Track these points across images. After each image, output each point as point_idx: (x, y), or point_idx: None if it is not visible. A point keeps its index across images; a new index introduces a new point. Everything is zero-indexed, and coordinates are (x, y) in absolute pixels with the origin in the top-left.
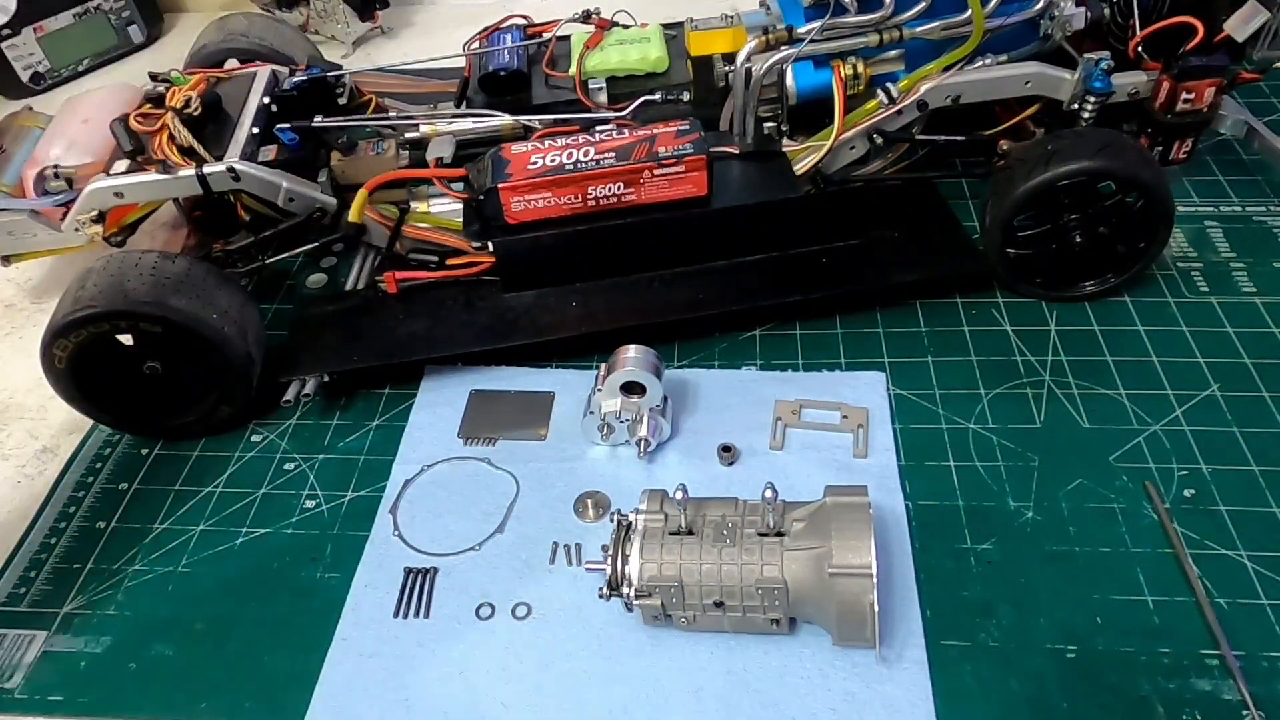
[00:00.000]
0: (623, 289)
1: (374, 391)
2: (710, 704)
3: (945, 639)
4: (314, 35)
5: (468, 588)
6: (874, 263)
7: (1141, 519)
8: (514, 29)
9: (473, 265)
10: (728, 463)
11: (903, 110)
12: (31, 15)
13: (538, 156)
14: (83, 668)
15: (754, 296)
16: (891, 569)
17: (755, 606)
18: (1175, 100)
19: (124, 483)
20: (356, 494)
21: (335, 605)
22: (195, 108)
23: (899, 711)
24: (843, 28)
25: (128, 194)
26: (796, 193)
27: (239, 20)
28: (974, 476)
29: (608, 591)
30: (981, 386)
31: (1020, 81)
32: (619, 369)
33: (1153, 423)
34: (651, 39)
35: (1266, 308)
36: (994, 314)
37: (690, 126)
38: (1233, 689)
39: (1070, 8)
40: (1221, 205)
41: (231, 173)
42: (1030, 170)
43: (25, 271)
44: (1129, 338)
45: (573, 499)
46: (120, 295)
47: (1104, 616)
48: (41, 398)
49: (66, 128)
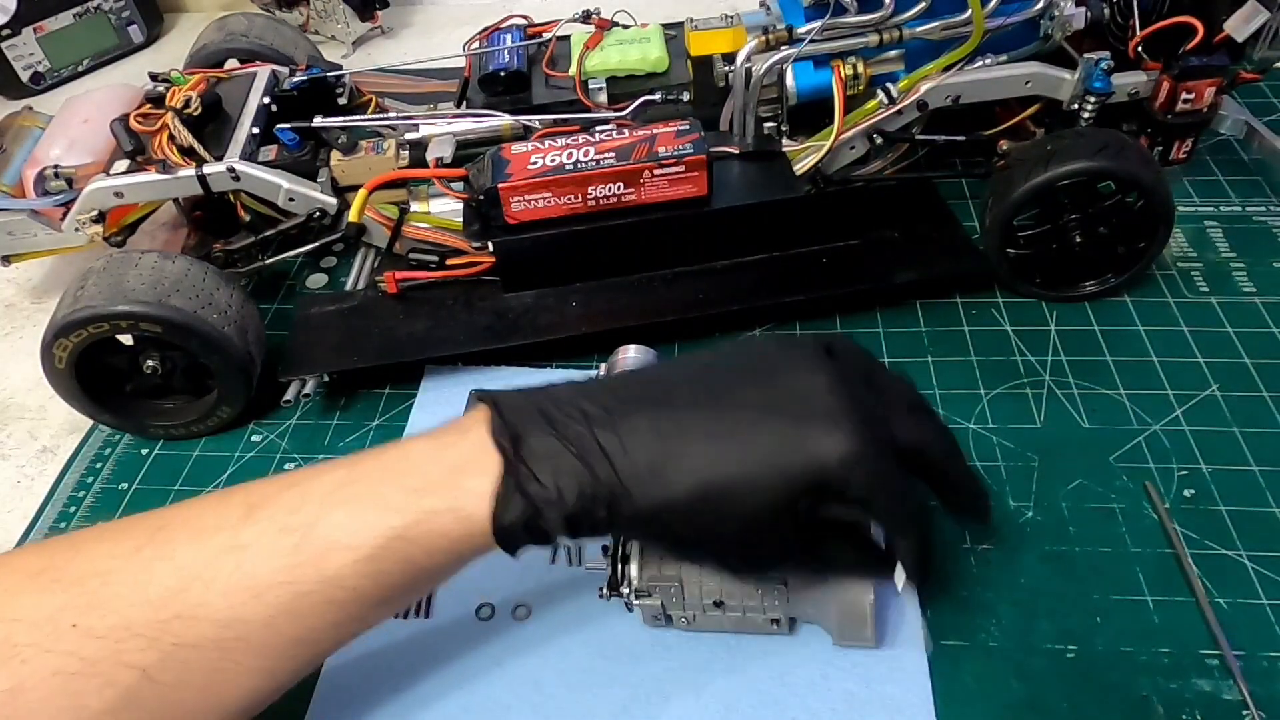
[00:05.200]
0: (623, 289)
1: (374, 391)
2: (710, 704)
3: (945, 639)
4: (314, 35)
5: (468, 588)
6: (874, 263)
7: (1141, 519)
8: (514, 29)
9: (473, 265)
10: None
11: (903, 110)
12: (31, 15)
13: (538, 156)
14: None
15: (754, 296)
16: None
17: (755, 606)
18: (1175, 100)
19: (124, 483)
20: None
21: None
22: (195, 108)
23: (899, 711)
24: (843, 28)
25: (128, 194)
26: (796, 193)
27: (239, 20)
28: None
29: (608, 591)
30: (981, 386)
31: (1020, 81)
32: (619, 369)
33: (1153, 423)
34: (651, 39)
35: (1266, 308)
36: (994, 314)
37: (690, 126)
38: (1233, 689)
39: (1070, 8)
40: (1221, 205)
41: (231, 173)
42: (1030, 170)
43: (25, 271)
44: (1129, 338)
45: None
46: (120, 295)
47: (1104, 616)
48: (41, 398)
49: (66, 128)
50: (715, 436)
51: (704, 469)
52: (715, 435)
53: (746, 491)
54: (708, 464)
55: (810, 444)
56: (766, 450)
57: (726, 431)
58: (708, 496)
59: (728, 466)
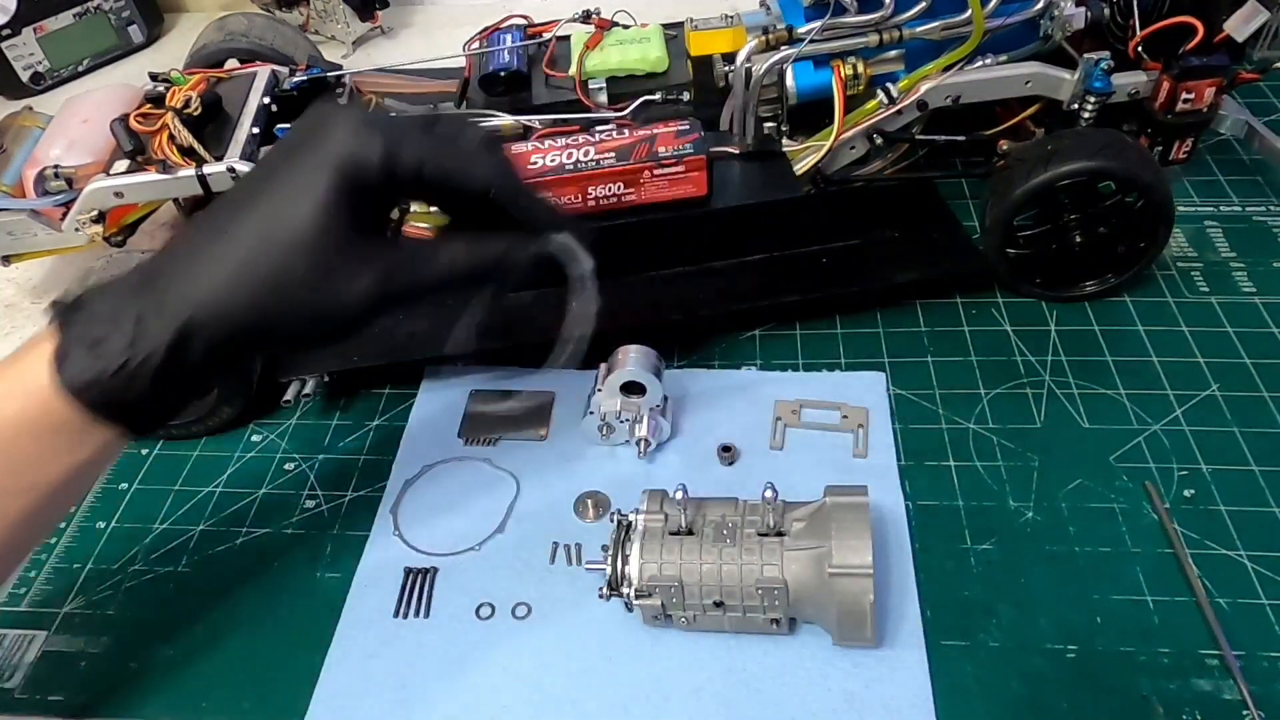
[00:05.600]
0: (623, 289)
1: (374, 391)
2: (710, 704)
3: (945, 639)
4: (314, 35)
5: (468, 588)
6: (874, 263)
7: (1141, 519)
8: (514, 29)
9: None
10: (728, 463)
11: (903, 110)
12: (31, 15)
13: (538, 156)
14: (83, 668)
15: (754, 296)
16: (891, 569)
17: (755, 606)
18: (1175, 100)
19: (124, 483)
20: (356, 494)
21: (335, 605)
22: (195, 108)
23: (899, 711)
24: (843, 28)
25: (128, 194)
26: (796, 193)
27: (239, 20)
28: (974, 476)
29: (608, 591)
30: (981, 386)
31: (1020, 81)
32: (619, 369)
33: (1153, 423)
34: (651, 39)
35: (1266, 308)
36: (994, 314)
37: (690, 126)
38: (1233, 689)
39: (1070, 8)
40: (1221, 205)
41: (231, 173)
42: (1030, 170)
43: (25, 271)
44: (1129, 338)
45: (573, 499)
46: None
47: (1104, 616)
48: None
49: (66, 128)
50: (243, 206)
51: (245, 233)
52: (243, 206)
53: (292, 213)
54: (247, 229)
55: (330, 144)
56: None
57: (250, 198)
58: (263, 242)
59: (266, 212)
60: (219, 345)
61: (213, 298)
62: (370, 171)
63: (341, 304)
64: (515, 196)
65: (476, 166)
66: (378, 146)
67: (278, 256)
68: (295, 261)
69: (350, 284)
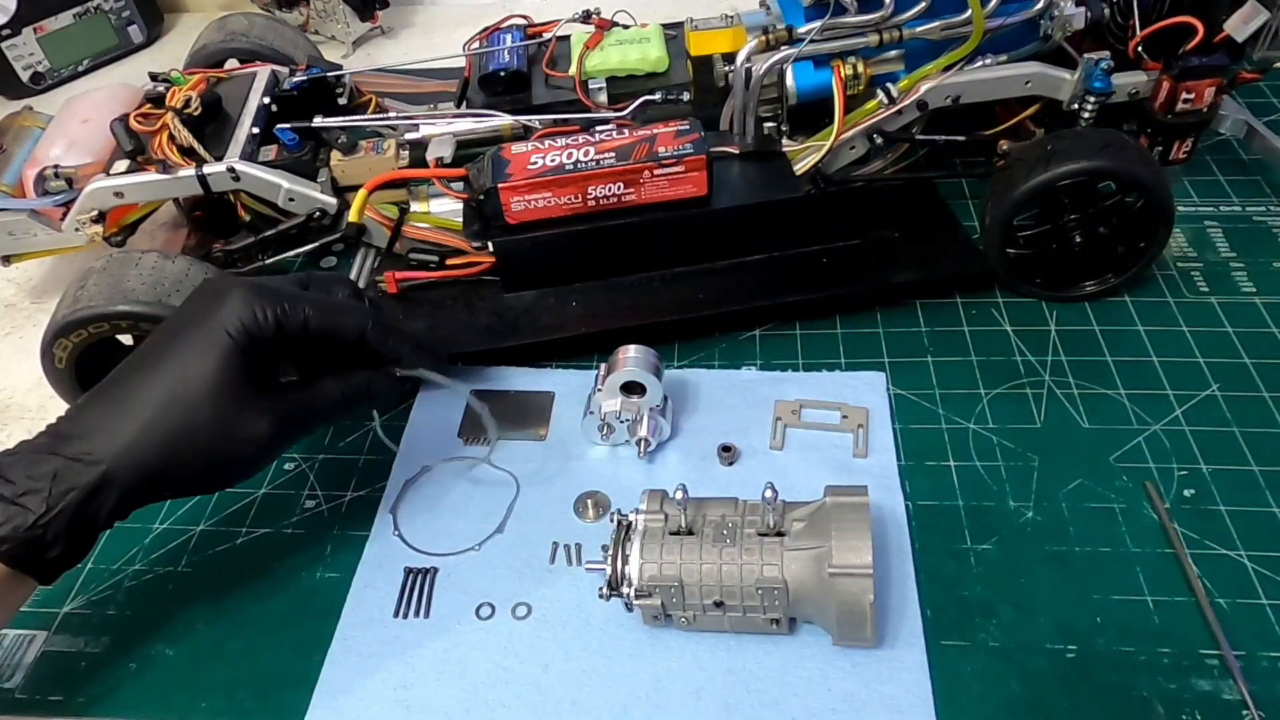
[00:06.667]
0: (623, 289)
1: None
2: (710, 704)
3: (945, 639)
4: (314, 35)
5: (468, 588)
6: (874, 263)
7: (1141, 519)
8: (514, 29)
9: (473, 265)
10: (728, 463)
11: (903, 110)
12: (31, 15)
13: (538, 156)
14: (83, 668)
15: (754, 296)
16: (891, 569)
17: (755, 606)
18: (1175, 100)
19: None
20: (356, 494)
21: (335, 605)
22: (195, 108)
23: (899, 711)
24: (843, 28)
25: (128, 194)
26: (796, 193)
27: (239, 20)
28: (974, 476)
29: (608, 591)
30: (981, 386)
31: (1020, 81)
32: (619, 369)
33: (1153, 423)
34: (651, 39)
35: (1266, 308)
36: (994, 314)
37: (690, 126)
38: (1233, 689)
39: (1070, 8)
40: (1221, 205)
41: (231, 173)
42: (1030, 170)
43: (25, 271)
44: (1129, 338)
45: (573, 499)
46: (120, 295)
47: (1104, 616)
48: (41, 398)
49: (66, 128)
50: (148, 372)
51: (152, 394)
52: (148, 371)
53: (196, 373)
54: (153, 391)
55: (225, 313)
56: (193, 340)
57: (154, 364)
58: (171, 399)
59: (172, 374)
60: (129, 494)
61: (126, 450)
62: (264, 335)
63: (244, 449)
64: (385, 338)
65: (351, 317)
66: (269, 314)
67: (185, 411)
68: (201, 415)
69: (251, 430)
